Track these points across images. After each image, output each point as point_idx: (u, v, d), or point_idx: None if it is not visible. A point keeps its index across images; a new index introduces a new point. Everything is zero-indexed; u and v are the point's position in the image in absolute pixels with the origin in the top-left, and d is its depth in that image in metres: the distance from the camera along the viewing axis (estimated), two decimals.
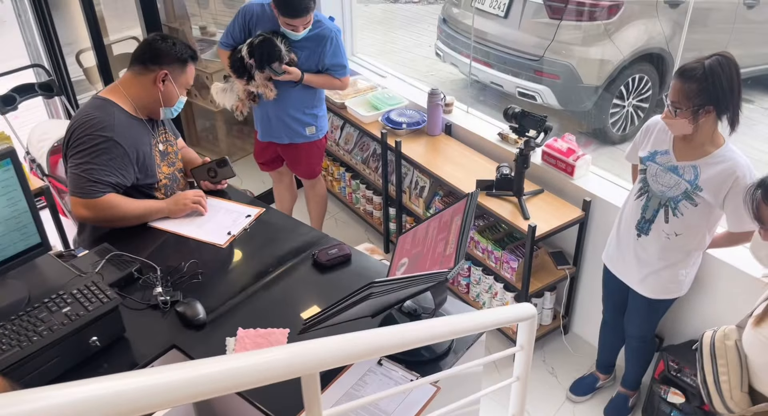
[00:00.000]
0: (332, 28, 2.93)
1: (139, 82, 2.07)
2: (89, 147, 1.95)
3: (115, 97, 2.05)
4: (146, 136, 2.11)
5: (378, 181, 3.52)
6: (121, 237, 2.02)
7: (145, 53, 2.06)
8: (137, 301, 1.78)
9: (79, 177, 1.95)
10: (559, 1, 4.48)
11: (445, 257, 1.54)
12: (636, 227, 2.30)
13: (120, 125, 2.00)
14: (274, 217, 2.20)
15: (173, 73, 2.08)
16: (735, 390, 1.65)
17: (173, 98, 2.12)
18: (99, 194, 1.96)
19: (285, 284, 1.88)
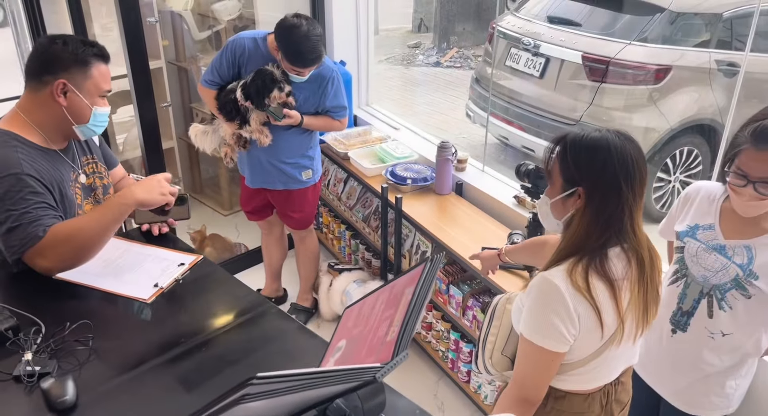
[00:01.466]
0: (333, 68, 2.64)
1: (38, 101, 1.67)
2: (3, 195, 1.57)
3: (16, 127, 1.67)
4: (63, 170, 1.72)
5: (378, 242, 3.10)
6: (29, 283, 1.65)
7: (33, 63, 1.66)
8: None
9: (13, 230, 1.58)
10: (599, 62, 4.11)
11: (384, 344, 1.10)
12: (670, 321, 1.80)
13: (27, 158, 1.62)
14: (210, 271, 1.79)
15: (73, 80, 1.65)
16: (496, 352, 1.59)
17: (84, 112, 1.69)
18: (43, 231, 1.58)
19: (195, 361, 1.45)
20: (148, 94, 2.84)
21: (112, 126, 3.69)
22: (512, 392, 1.51)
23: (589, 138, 1.39)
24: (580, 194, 1.40)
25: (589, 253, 1.40)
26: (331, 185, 3.44)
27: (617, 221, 1.39)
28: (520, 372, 1.49)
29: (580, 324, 1.40)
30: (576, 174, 1.40)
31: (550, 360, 1.43)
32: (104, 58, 1.72)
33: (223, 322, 1.58)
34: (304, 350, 1.48)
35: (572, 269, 1.39)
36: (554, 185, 1.46)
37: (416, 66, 8.38)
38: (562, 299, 1.38)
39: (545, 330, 1.40)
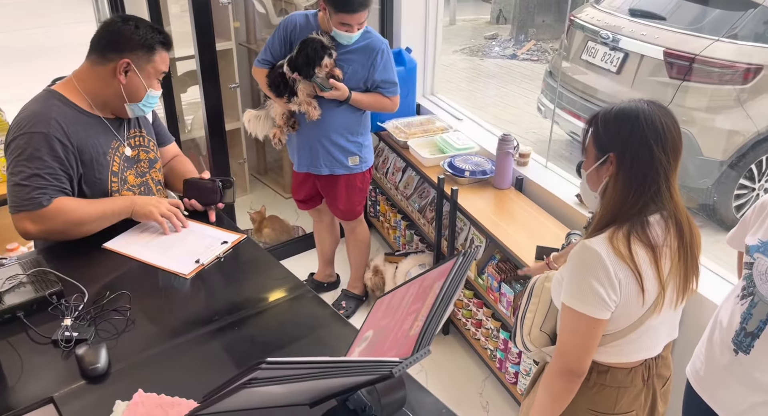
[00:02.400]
0: (383, 40, 2.58)
1: (97, 73, 1.73)
2: (23, 150, 1.63)
3: (65, 91, 1.73)
4: (102, 136, 1.77)
5: (432, 234, 3.05)
6: (76, 249, 1.69)
7: (102, 39, 1.72)
8: (37, 332, 1.42)
9: (20, 187, 1.64)
10: (683, 58, 3.87)
11: (407, 339, 1.05)
12: (733, 341, 1.66)
13: (59, 118, 1.67)
14: (252, 250, 1.79)
15: (137, 61, 1.73)
16: (535, 328, 1.60)
17: (140, 92, 1.76)
18: (48, 200, 1.64)
19: (226, 340, 1.45)
20: (213, 75, 2.88)
21: (180, 105, 3.78)
22: (556, 364, 1.51)
23: (619, 107, 1.44)
24: (611, 160, 1.42)
25: (629, 219, 1.41)
26: (390, 173, 3.40)
27: (652, 183, 1.40)
28: (563, 342, 1.49)
29: (621, 290, 1.40)
30: (606, 141, 1.43)
31: (593, 327, 1.43)
32: (168, 45, 1.80)
33: (257, 303, 1.57)
34: (335, 337, 1.45)
35: (613, 236, 1.40)
36: (589, 157, 1.50)
37: (491, 58, 8.21)
38: (603, 265, 1.38)
39: (586, 296, 1.40)
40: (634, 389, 1.57)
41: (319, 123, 2.63)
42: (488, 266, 2.67)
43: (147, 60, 1.75)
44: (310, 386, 1.03)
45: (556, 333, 1.63)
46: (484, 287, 2.68)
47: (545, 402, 1.54)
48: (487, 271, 2.65)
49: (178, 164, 2.03)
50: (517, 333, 1.66)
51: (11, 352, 1.37)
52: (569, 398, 1.53)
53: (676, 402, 2.12)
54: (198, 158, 3.86)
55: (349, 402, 1.16)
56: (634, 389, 1.57)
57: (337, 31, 2.47)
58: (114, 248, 1.73)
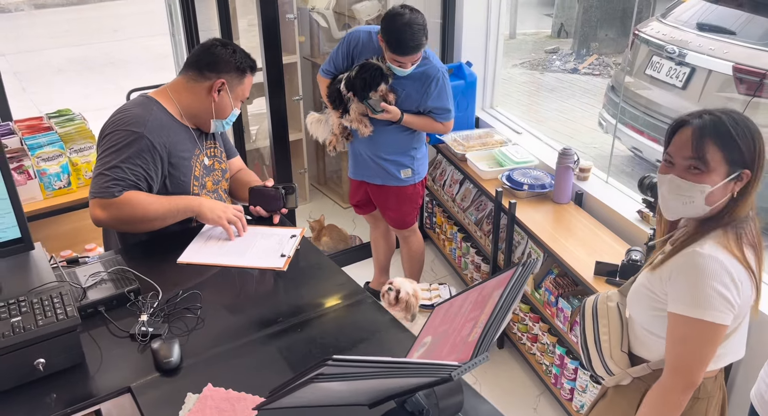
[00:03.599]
0: (439, 68, 2.62)
1: (191, 89, 1.88)
2: (115, 144, 1.76)
3: (161, 99, 1.87)
4: (188, 143, 1.90)
5: (488, 247, 3.06)
6: (153, 251, 1.80)
7: (201, 59, 1.87)
8: (117, 326, 1.51)
9: (101, 176, 1.76)
10: (754, 74, 3.76)
11: (466, 344, 1.08)
12: None
13: (156, 122, 1.80)
14: (314, 256, 1.86)
15: (230, 83, 1.88)
16: (615, 350, 1.57)
17: (227, 110, 1.91)
18: (118, 192, 1.76)
19: (289, 340, 1.51)
20: (279, 88, 2.99)
21: (246, 116, 3.92)
22: (671, 381, 1.44)
23: (736, 117, 1.40)
24: (745, 176, 1.40)
25: (735, 223, 1.42)
26: (447, 185, 3.44)
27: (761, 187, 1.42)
28: (679, 356, 1.42)
29: (743, 292, 1.39)
30: (744, 155, 1.38)
31: (716, 334, 1.39)
32: (254, 70, 1.94)
33: (319, 307, 1.63)
34: (393, 342, 1.50)
35: (725, 240, 1.39)
36: (714, 171, 1.39)
37: (552, 72, 8.14)
38: (726, 269, 1.36)
39: (711, 301, 1.36)
40: (717, 397, 1.55)
41: (372, 139, 2.70)
42: (545, 281, 2.66)
43: (238, 82, 1.90)
44: (371, 385, 1.07)
45: (631, 351, 1.59)
46: (541, 301, 2.67)
47: None
48: (545, 285, 2.64)
49: (244, 175, 2.14)
50: (595, 358, 1.61)
51: (93, 345, 1.47)
52: (679, 413, 1.47)
53: None
54: (261, 167, 3.99)
55: (407, 404, 1.20)
56: (717, 397, 1.55)
57: (391, 64, 2.55)
58: (190, 260, 1.81)
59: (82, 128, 2.57)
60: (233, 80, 1.88)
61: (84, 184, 2.51)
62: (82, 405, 1.31)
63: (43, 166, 2.39)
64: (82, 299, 1.54)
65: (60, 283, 1.43)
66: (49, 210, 2.42)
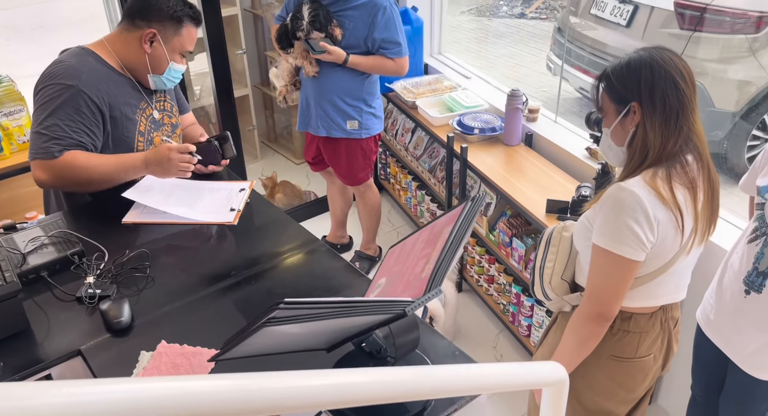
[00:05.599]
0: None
1: (125, 40, 1.77)
2: (49, 100, 1.66)
3: (98, 50, 1.76)
4: (132, 96, 1.80)
5: (443, 193, 3.06)
6: (96, 212, 1.73)
7: (134, 6, 1.75)
8: (62, 290, 1.47)
9: (38, 135, 1.67)
10: (694, 8, 3.79)
11: (419, 280, 1.08)
12: (744, 281, 1.68)
13: (91, 74, 1.70)
14: (266, 209, 1.83)
15: (164, 33, 1.75)
16: (555, 277, 1.61)
17: (162, 64, 1.79)
18: (58, 152, 1.67)
19: (244, 293, 1.49)
20: (219, 43, 2.88)
21: (189, 74, 3.79)
22: (586, 308, 1.51)
23: (628, 58, 1.43)
24: (635, 109, 1.41)
25: (667, 160, 1.42)
26: (399, 135, 3.41)
27: (684, 120, 1.40)
28: (595, 286, 1.49)
29: (659, 230, 1.41)
30: (624, 91, 1.42)
31: (627, 269, 1.43)
32: (197, 21, 1.81)
33: (273, 258, 1.61)
34: (349, 287, 1.49)
35: (652, 179, 1.40)
36: (608, 114, 1.48)
37: (499, 17, 8.09)
38: (642, 206, 1.37)
39: (624, 236, 1.40)
40: (653, 333, 1.60)
41: (319, 83, 2.62)
42: (499, 222, 2.69)
43: (174, 33, 1.77)
44: (326, 327, 1.06)
45: (575, 282, 1.65)
46: (496, 243, 2.70)
47: (572, 346, 1.56)
48: (499, 227, 2.67)
49: (192, 130, 2.06)
50: (536, 283, 1.67)
51: (38, 310, 1.43)
52: (596, 342, 1.54)
53: (685, 345, 2.15)
54: (208, 125, 3.88)
55: (365, 345, 1.20)
56: (653, 333, 1.60)
57: None
58: (136, 220, 1.75)
59: (10, 90, 2.43)
60: (167, 30, 1.76)
61: (17, 149, 2.40)
62: (31, 370, 1.28)
63: None
64: (22, 265, 1.48)
65: None
66: None
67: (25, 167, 2.37)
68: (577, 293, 1.62)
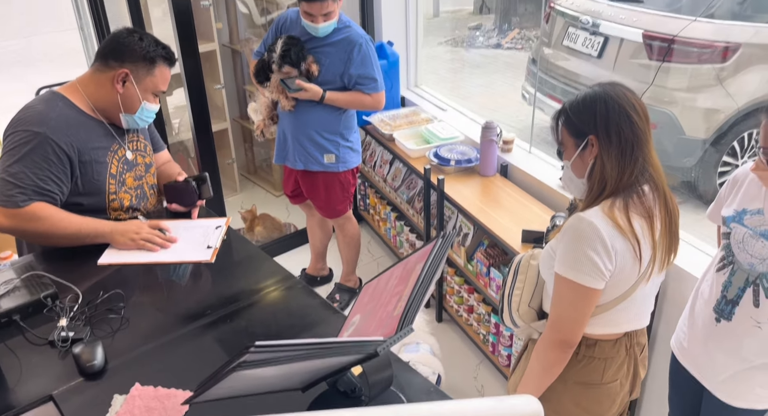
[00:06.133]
0: (362, 34, 2.59)
1: (98, 80, 1.78)
2: (17, 146, 1.67)
3: (68, 94, 1.78)
4: (102, 139, 1.81)
5: (421, 224, 3.09)
6: (70, 253, 1.72)
7: (106, 47, 1.78)
8: (34, 334, 1.45)
9: (4, 182, 1.67)
10: (662, 40, 3.91)
11: (391, 319, 1.09)
12: (714, 309, 1.71)
13: (60, 119, 1.71)
14: (242, 246, 1.83)
15: (136, 73, 1.77)
16: (523, 304, 1.65)
17: (134, 104, 1.80)
18: (24, 202, 1.66)
19: (219, 332, 1.48)
20: (197, 77, 2.91)
21: (167, 109, 3.80)
22: (549, 335, 1.55)
23: (583, 93, 1.50)
24: (592, 142, 1.46)
25: (624, 191, 1.46)
26: (377, 166, 3.44)
27: (639, 152, 1.45)
28: (557, 313, 1.53)
29: (617, 260, 1.45)
30: (581, 126, 1.48)
31: (587, 297, 1.47)
32: (170, 61, 1.83)
33: (249, 296, 1.61)
34: (325, 324, 1.49)
35: (610, 209, 1.44)
36: (568, 148, 1.54)
37: (476, 48, 8.24)
38: (600, 236, 1.41)
39: (582, 265, 1.44)
40: (618, 359, 1.62)
41: (296, 117, 2.65)
42: (477, 252, 2.71)
43: (146, 73, 1.78)
44: (299, 368, 1.07)
45: (543, 309, 1.68)
46: (474, 273, 2.72)
47: (536, 372, 1.59)
48: (476, 257, 2.69)
49: (167, 168, 2.07)
50: (505, 310, 1.70)
51: (9, 355, 1.41)
52: (560, 369, 1.58)
53: (657, 371, 2.17)
54: (187, 160, 3.89)
55: (339, 384, 1.20)
56: (618, 359, 1.62)
57: (305, 21, 2.50)
58: (111, 261, 1.74)
59: None
60: (140, 70, 1.78)
61: None
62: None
63: None
64: None
65: None
66: None
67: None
68: (543, 320, 1.65)
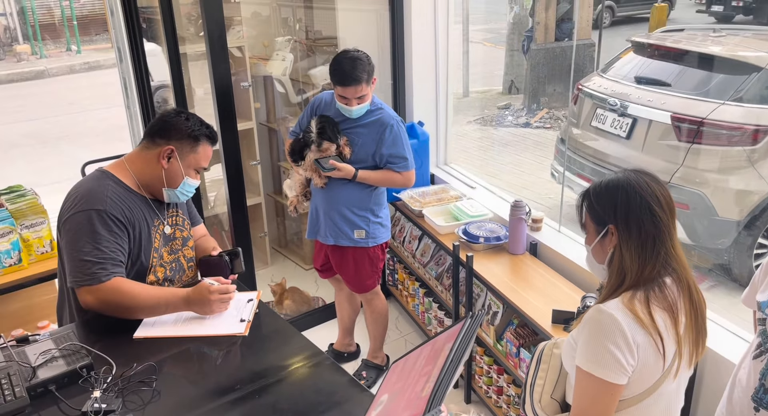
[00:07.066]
0: (393, 116, 2.70)
1: (144, 157, 1.90)
2: (82, 226, 1.75)
3: (116, 171, 1.89)
4: (147, 214, 1.90)
5: (450, 301, 3.08)
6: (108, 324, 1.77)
7: (154, 126, 1.91)
8: (68, 405, 1.47)
9: (84, 263, 1.74)
10: (691, 122, 3.96)
11: (420, 399, 1.09)
12: (753, 398, 1.65)
13: (113, 196, 1.81)
14: (272, 321, 1.86)
15: (181, 150, 1.89)
16: (545, 395, 1.59)
17: (177, 179, 1.91)
18: (106, 277, 1.74)
19: (248, 408, 1.49)
20: (234, 154, 3.03)
21: (204, 183, 3.94)
22: None
23: (607, 179, 1.49)
24: (612, 231, 1.46)
25: (646, 284, 1.43)
26: (407, 242, 3.48)
27: (661, 245, 1.43)
28: (579, 408, 1.47)
29: (639, 354, 1.40)
30: (603, 214, 1.47)
31: (609, 392, 1.42)
32: (213, 140, 1.95)
33: (278, 372, 1.62)
34: (352, 402, 1.49)
35: (630, 301, 1.41)
36: (589, 232, 1.54)
37: (505, 127, 8.41)
38: (620, 330, 1.38)
39: (603, 360, 1.40)
40: None
41: (328, 194, 2.74)
42: (506, 332, 2.68)
43: (190, 150, 1.90)
44: None
45: (566, 401, 1.63)
46: (504, 353, 2.68)
47: None
48: (506, 337, 2.66)
49: (203, 242, 2.14)
50: (527, 401, 1.64)
51: None
52: None
53: None
54: (221, 233, 3.98)
55: None
56: None
57: (339, 103, 2.62)
58: (147, 334, 1.79)
59: (33, 203, 2.55)
60: (184, 148, 1.89)
61: (35, 260, 2.47)
62: None
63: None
64: (31, 378, 1.50)
65: (8, 363, 1.40)
66: (0, 288, 2.37)
67: (41, 277, 2.43)
68: (567, 413, 1.59)
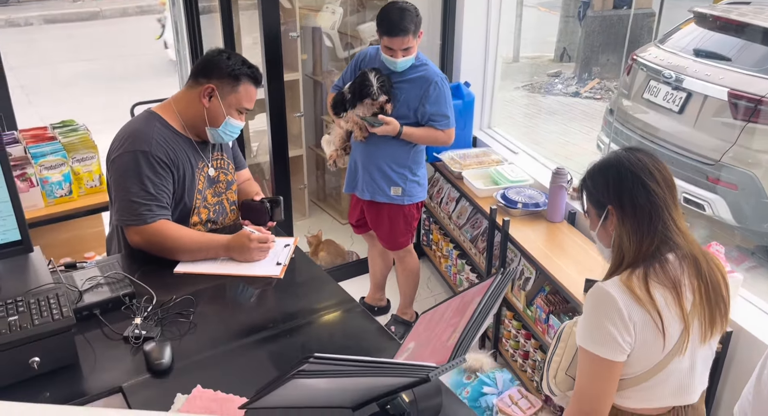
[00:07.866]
0: (438, 73, 2.68)
1: (188, 96, 1.92)
2: (129, 168, 1.80)
3: (163, 113, 1.92)
4: (192, 156, 1.94)
5: (483, 264, 3.09)
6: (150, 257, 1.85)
7: (198, 66, 1.92)
8: (111, 329, 1.55)
9: (130, 204, 1.80)
10: (749, 99, 3.82)
11: (445, 348, 1.12)
12: None
13: (160, 138, 1.85)
14: (307, 267, 1.90)
15: (221, 89, 1.89)
16: (561, 372, 1.59)
17: (219, 118, 1.91)
18: (151, 218, 1.81)
19: (279, 346, 1.55)
20: (279, 105, 3.06)
21: (248, 132, 3.99)
22: (573, 408, 1.50)
23: (600, 161, 1.48)
24: (611, 212, 1.45)
25: (645, 261, 1.41)
26: (444, 203, 3.48)
27: (658, 220, 1.40)
28: (579, 384, 1.48)
29: (636, 332, 1.39)
30: (599, 196, 1.46)
31: (607, 369, 1.42)
32: (255, 80, 1.94)
33: (309, 315, 1.67)
34: (379, 349, 1.53)
35: (628, 279, 1.40)
36: (592, 218, 1.54)
37: (554, 95, 8.22)
38: (616, 307, 1.38)
39: (599, 337, 1.40)
40: None
41: (368, 149, 2.75)
42: (537, 298, 2.69)
43: (230, 89, 1.90)
44: (352, 385, 1.11)
45: None
46: (533, 318, 2.70)
47: None
48: (536, 303, 2.67)
49: (248, 186, 2.18)
50: (544, 377, 1.65)
51: (87, 346, 1.51)
52: None
53: None
54: (262, 182, 4.05)
55: (389, 407, 1.23)
56: None
57: (384, 55, 2.60)
58: (187, 270, 1.85)
59: (85, 138, 2.63)
60: (225, 87, 1.89)
61: (85, 193, 2.56)
62: (74, 403, 1.35)
63: (45, 174, 2.44)
64: (78, 301, 1.58)
65: (57, 285, 1.47)
66: (50, 218, 2.47)
67: (90, 209, 2.53)
68: None
